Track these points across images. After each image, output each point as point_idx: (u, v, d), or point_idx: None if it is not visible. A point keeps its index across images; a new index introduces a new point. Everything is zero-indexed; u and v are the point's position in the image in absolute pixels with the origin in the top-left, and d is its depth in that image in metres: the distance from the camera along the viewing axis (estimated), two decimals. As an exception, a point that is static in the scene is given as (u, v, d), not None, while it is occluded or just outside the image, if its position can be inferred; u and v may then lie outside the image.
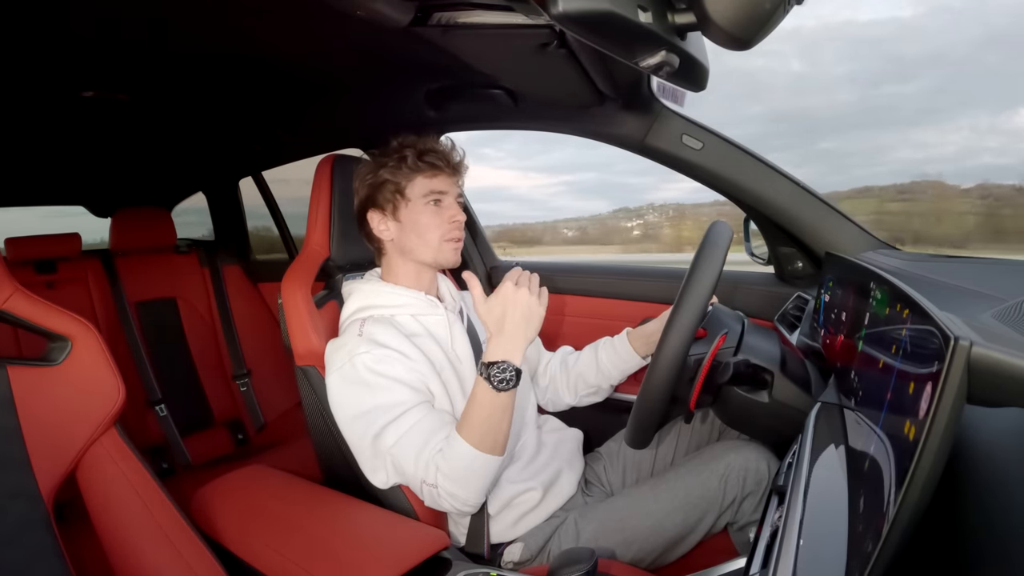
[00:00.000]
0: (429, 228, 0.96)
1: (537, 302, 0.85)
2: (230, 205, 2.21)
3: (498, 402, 0.81)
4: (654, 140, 1.11)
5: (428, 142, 0.97)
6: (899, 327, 0.50)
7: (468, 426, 0.82)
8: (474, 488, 0.83)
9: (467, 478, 0.82)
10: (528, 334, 0.84)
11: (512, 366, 0.82)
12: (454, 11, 0.68)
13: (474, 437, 0.81)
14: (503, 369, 0.81)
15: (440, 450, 0.83)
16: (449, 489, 0.82)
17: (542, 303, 0.86)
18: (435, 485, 0.82)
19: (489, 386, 0.81)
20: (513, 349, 0.83)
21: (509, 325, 0.83)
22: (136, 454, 0.77)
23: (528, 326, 0.84)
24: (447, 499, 0.83)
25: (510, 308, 0.84)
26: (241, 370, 2.00)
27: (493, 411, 0.82)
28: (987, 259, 0.97)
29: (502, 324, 0.83)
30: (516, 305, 0.84)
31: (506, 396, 0.82)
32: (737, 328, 0.93)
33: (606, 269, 1.51)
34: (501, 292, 0.85)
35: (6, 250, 1.71)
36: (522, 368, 0.84)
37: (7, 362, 0.69)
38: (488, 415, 0.82)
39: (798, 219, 1.10)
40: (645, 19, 0.55)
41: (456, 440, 0.82)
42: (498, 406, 0.82)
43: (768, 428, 0.89)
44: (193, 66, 1.09)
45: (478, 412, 0.82)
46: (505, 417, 0.83)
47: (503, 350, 0.83)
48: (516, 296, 0.84)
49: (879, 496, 0.40)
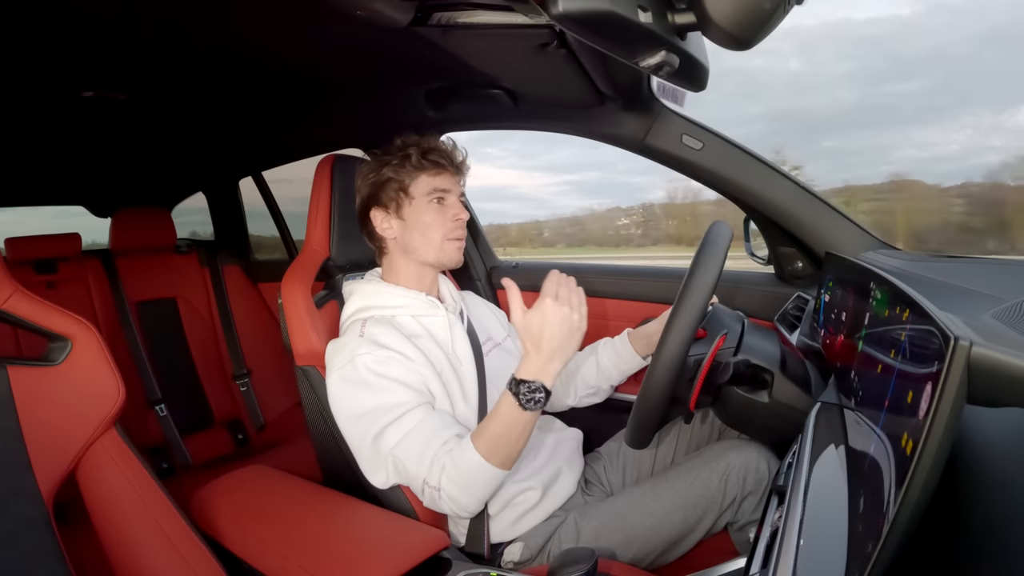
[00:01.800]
0: (432, 226, 0.96)
1: (580, 319, 0.80)
2: (230, 205, 2.21)
3: (521, 420, 0.79)
4: (654, 140, 1.11)
5: (431, 141, 0.98)
6: (899, 327, 0.50)
7: (484, 436, 0.81)
8: (476, 496, 0.83)
9: (471, 486, 0.81)
10: (567, 354, 0.80)
11: (543, 386, 0.79)
12: (454, 11, 0.68)
13: (487, 448, 0.80)
14: (533, 388, 0.78)
15: (449, 451, 0.82)
16: (451, 493, 0.81)
17: (583, 315, 0.80)
18: (437, 488, 0.82)
19: (516, 402, 0.79)
20: (548, 370, 0.79)
21: (547, 343, 0.78)
22: (136, 454, 0.77)
23: (567, 346, 0.79)
24: (447, 502, 0.82)
25: (549, 327, 0.78)
26: (241, 370, 2.00)
27: (513, 427, 0.80)
28: (987, 259, 0.97)
29: (540, 342, 0.79)
30: (556, 324, 0.78)
31: (530, 416, 0.79)
32: (737, 328, 0.93)
33: (606, 269, 1.51)
34: (541, 308, 0.79)
35: (6, 250, 1.71)
36: (553, 390, 0.80)
37: (7, 362, 0.69)
38: (507, 430, 0.80)
39: (798, 219, 1.10)
40: (645, 19, 0.55)
41: (467, 447, 0.81)
42: (519, 423, 0.80)
43: (768, 428, 0.89)
44: (193, 66, 1.09)
45: (498, 425, 0.80)
46: (524, 436, 0.81)
47: (537, 369, 0.79)
48: (558, 314, 0.78)
49: (879, 496, 0.40)
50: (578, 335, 0.80)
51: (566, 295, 0.80)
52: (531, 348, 0.80)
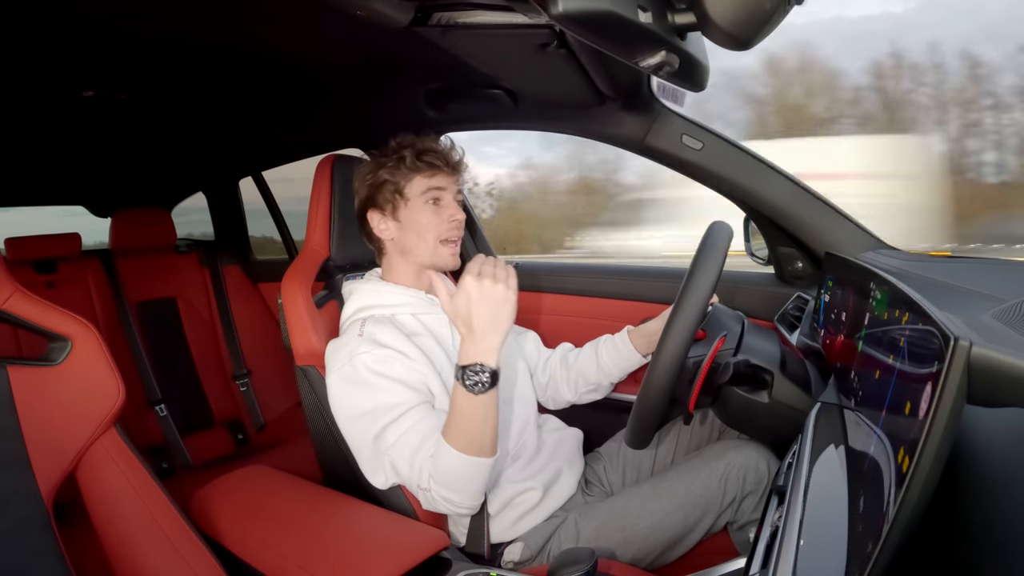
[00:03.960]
0: (428, 227, 0.96)
1: (504, 288, 0.78)
2: (230, 205, 2.21)
3: (476, 405, 0.78)
4: (654, 140, 1.11)
5: (426, 141, 0.97)
6: (899, 327, 0.50)
7: (451, 431, 0.81)
8: (468, 491, 0.82)
9: (458, 482, 0.81)
10: (500, 327, 0.78)
11: (486, 368, 0.77)
12: (454, 11, 0.68)
13: (459, 441, 0.80)
14: (476, 371, 0.77)
15: (431, 455, 0.82)
16: (443, 493, 0.81)
17: (511, 287, 0.78)
18: (428, 489, 0.82)
19: (464, 389, 0.78)
20: (486, 349, 0.78)
21: (477, 322, 0.77)
22: (136, 454, 0.76)
23: (498, 319, 0.77)
24: (442, 503, 0.82)
25: (475, 304, 0.77)
26: (241, 370, 2.00)
27: (473, 414, 0.79)
28: (987, 259, 0.97)
29: (469, 321, 0.78)
30: (481, 300, 0.77)
31: (484, 398, 0.78)
32: (737, 328, 0.93)
33: (606, 269, 1.51)
34: (463, 288, 0.78)
35: (6, 250, 1.71)
36: (498, 369, 0.79)
37: (7, 362, 0.69)
38: (468, 418, 0.79)
39: (798, 219, 1.10)
40: (645, 19, 0.55)
41: (443, 445, 0.81)
42: (477, 409, 0.79)
43: (768, 428, 0.89)
44: (193, 66, 1.09)
45: (458, 416, 0.80)
46: (488, 419, 0.80)
47: (475, 351, 0.78)
48: (480, 289, 0.77)
49: (879, 496, 0.40)
50: (507, 306, 0.78)
51: (489, 271, 0.78)
52: (463, 330, 0.79)
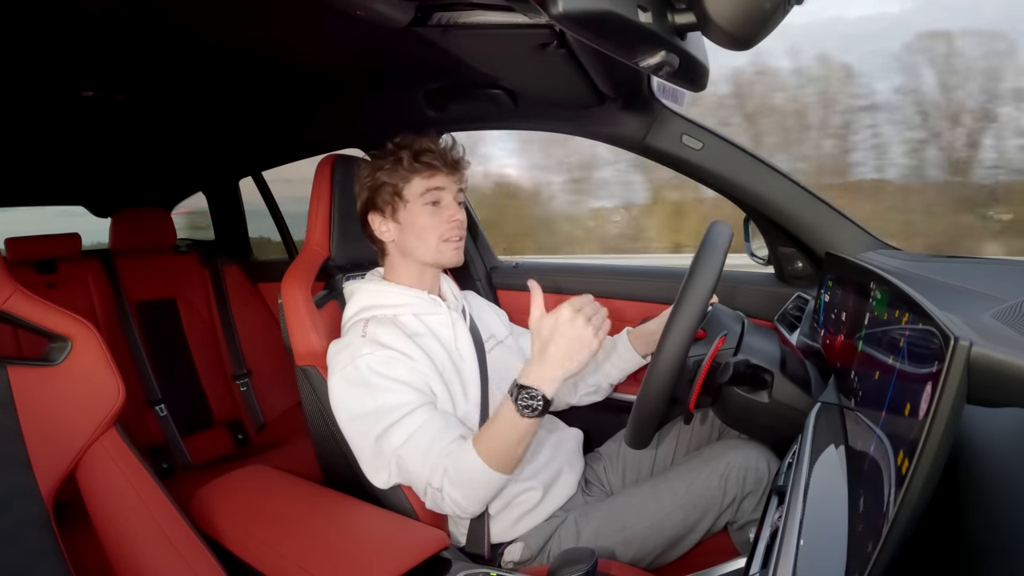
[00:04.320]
0: (427, 229, 0.96)
1: (593, 335, 0.79)
2: (230, 205, 2.21)
3: (520, 425, 0.79)
4: (654, 140, 1.11)
5: (424, 142, 0.96)
6: (899, 327, 0.50)
7: (484, 440, 0.81)
8: (478, 498, 0.83)
9: (471, 488, 0.82)
10: (569, 368, 0.79)
11: (541, 394, 0.78)
12: (454, 11, 0.68)
13: (487, 452, 0.80)
14: (532, 396, 0.78)
15: (450, 454, 0.82)
16: (453, 495, 0.81)
17: (599, 337, 0.80)
18: (440, 489, 0.82)
19: (513, 408, 0.79)
20: (549, 378, 0.79)
21: (554, 350, 0.78)
22: (136, 454, 0.77)
23: (572, 360, 0.79)
24: (450, 504, 0.83)
25: (560, 333, 0.78)
26: (241, 370, 2.00)
27: (512, 433, 0.80)
28: (987, 259, 0.97)
29: (546, 348, 0.79)
30: (568, 332, 0.78)
31: (529, 422, 0.79)
32: (737, 328, 0.93)
33: (606, 269, 1.51)
34: (557, 313, 0.79)
35: (6, 250, 1.71)
36: (552, 400, 0.79)
37: (7, 362, 0.69)
38: (506, 435, 0.80)
39: (798, 219, 1.10)
40: (645, 19, 0.55)
41: (468, 449, 0.81)
42: (519, 429, 0.79)
43: (768, 428, 0.89)
44: (193, 66, 1.09)
45: (497, 429, 0.80)
46: (523, 442, 0.81)
47: (537, 376, 0.79)
48: (572, 323, 0.78)
49: (879, 496, 0.40)
50: (586, 351, 0.79)
51: (589, 311, 0.80)
52: (537, 350, 0.80)
